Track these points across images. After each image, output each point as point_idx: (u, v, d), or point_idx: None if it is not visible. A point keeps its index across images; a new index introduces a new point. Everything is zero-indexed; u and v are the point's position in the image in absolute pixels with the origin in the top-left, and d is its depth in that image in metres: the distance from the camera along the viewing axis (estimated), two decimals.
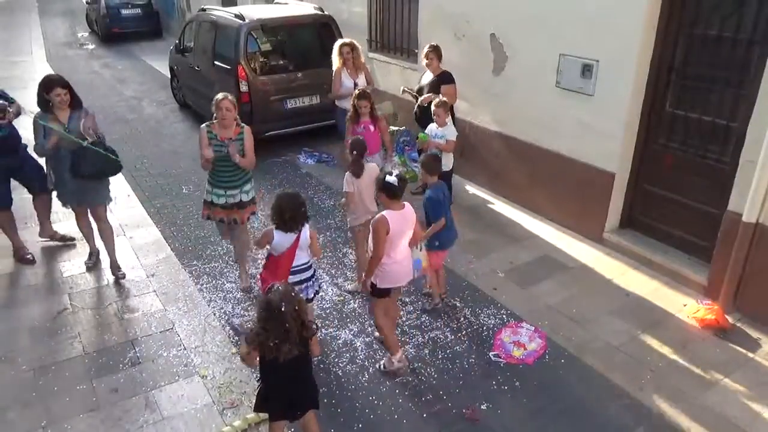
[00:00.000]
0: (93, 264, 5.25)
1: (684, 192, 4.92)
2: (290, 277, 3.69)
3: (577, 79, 5.28)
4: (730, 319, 4.39)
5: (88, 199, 4.92)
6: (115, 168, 4.81)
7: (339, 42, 6.70)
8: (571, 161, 5.56)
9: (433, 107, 5.44)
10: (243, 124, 4.66)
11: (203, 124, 4.61)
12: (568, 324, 4.48)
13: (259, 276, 4.08)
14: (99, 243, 5.22)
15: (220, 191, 4.64)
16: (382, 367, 4.06)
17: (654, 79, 4.91)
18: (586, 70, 5.19)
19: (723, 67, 4.46)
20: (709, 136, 4.65)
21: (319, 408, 3.21)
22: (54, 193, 5.11)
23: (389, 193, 3.66)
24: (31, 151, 5.12)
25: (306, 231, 3.71)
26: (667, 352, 4.16)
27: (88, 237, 5.26)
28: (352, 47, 6.60)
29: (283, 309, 2.67)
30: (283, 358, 2.74)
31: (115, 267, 5.12)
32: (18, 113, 5.09)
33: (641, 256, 5.18)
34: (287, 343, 2.72)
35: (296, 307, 2.74)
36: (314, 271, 3.94)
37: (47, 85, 4.59)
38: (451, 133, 5.50)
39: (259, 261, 5.08)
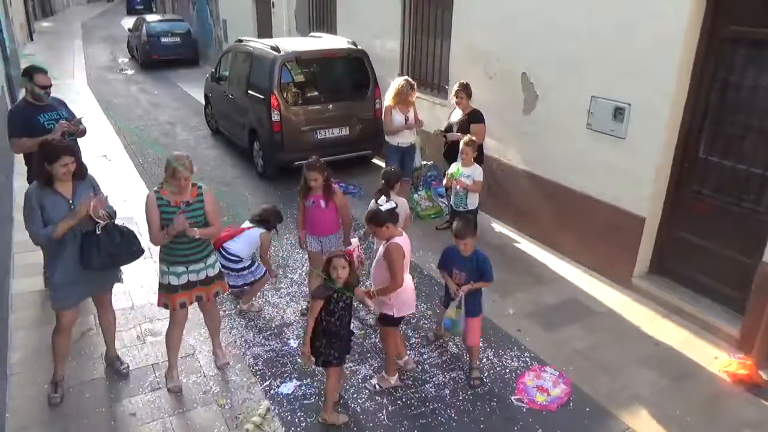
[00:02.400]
0: (60, 398, 3.94)
1: (717, 240, 4.81)
2: (221, 259, 4.60)
3: (609, 121, 5.26)
4: (763, 375, 4.22)
5: (95, 287, 3.98)
6: (138, 253, 3.93)
7: (400, 81, 6.57)
8: (601, 203, 5.49)
9: (461, 146, 5.46)
10: (200, 184, 3.91)
11: (150, 192, 3.77)
12: (594, 371, 4.35)
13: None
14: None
15: (180, 268, 3.84)
16: (376, 387, 4.15)
17: (687, 124, 4.86)
18: (618, 112, 5.16)
19: (758, 115, 4.40)
20: (744, 185, 4.56)
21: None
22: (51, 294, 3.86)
23: (393, 219, 3.86)
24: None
25: (255, 231, 4.96)
26: (697, 406, 4.00)
27: (63, 354, 4.00)
28: (412, 86, 6.54)
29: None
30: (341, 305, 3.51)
31: (114, 358, 4.31)
32: (85, 131, 5.22)
33: (671, 304, 5.04)
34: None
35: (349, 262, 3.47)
36: (248, 270, 4.97)
37: (51, 154, 3.56)
38: (478, 173, 5.49)
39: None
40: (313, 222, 4.69)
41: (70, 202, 3.64)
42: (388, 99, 6.66)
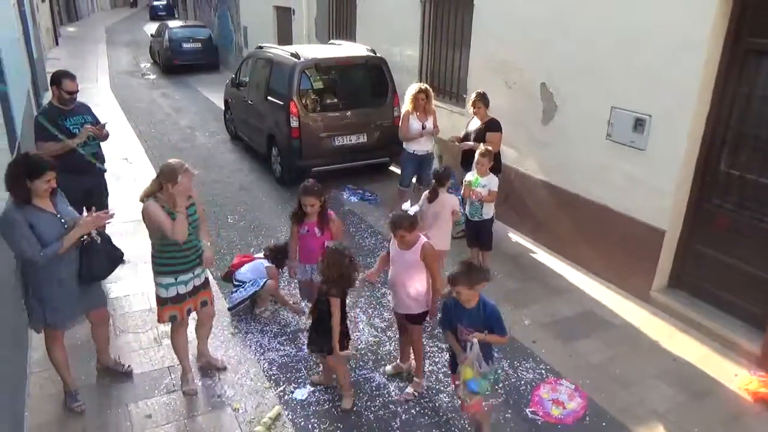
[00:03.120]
0: (83, 404, 3.92)
1: (738, 255, 4.73)
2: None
3: (629, 132, 5.22)
4: None
5: (91, 303, 3.85)
6: (120, 259, 3.95)
7: (414, 87, 6.59)
8: (619, 215, 5.44)
9: (477, 156, 5.41)
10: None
11: (149, 201, 3.64)
12: (610, 385, 4.30)
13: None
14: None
15: (169, 279, 3.78)
16: (414, 394, 4.16)
17: (709, 137, 4.80)
18: (639, 124, 5.12)
19: None
20: (766, 199, 4.49)
21: None
22: (38, 319, 3.64)
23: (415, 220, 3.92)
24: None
25: (263, 263, 5.17)
26: (715, 424, 3.93)
27: (66, 364, 3.89)
28: (427, 94, 6.54)
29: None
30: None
31: (113, 362, 4.26)
32: (108, 135, 5.31)
33: (690, 319, 4.97)
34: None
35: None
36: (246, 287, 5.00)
37: (36, 169, 3.36)
38: (494, 183, 5.44)
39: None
40: (307, 250, 4.37)
41: (57, 216, 3.50)
42: (405, 105, 6.68)
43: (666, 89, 4.85)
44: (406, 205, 6.52)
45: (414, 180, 6.97)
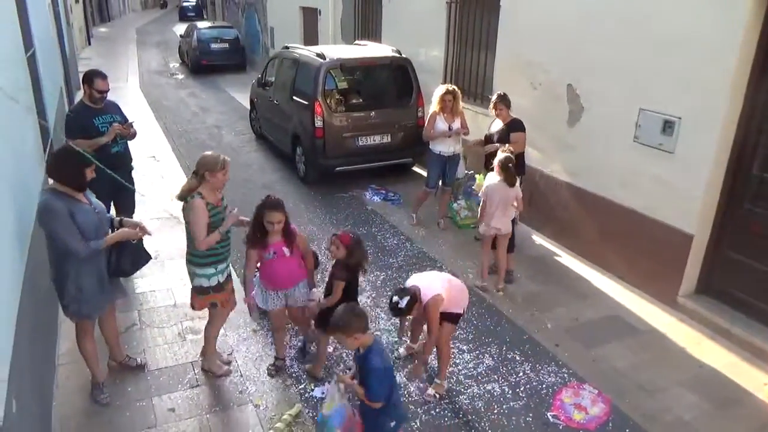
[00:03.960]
0: (109, 396, 4.01)
1: None
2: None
3: (657, 135, 5.13)
4: None
5: (113, 295, 3.94)
6: (148, 260, 4.02)
7: (442, 88, 6.53)
8: (646, 219, 5.35)
9: (495, 167, 5.29)
10: None
11: (194, 197, 3.70)
12: (635, 391, 4.23)
13: None
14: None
15: (210, 270, 3.89)
16: (436, 396, 4.14)
17: (741, 140, 4.69)
18: (668, 126, 5.03)
19: None
20: None
21: None
22: (73, 309, 3.71)
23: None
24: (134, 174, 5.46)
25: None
26: None
27: (96, 356, 3.98)
28: (455, 95, 6.47)
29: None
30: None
31: (125, 358, 4.32)
32: (135, 134, 5.43)
33: (718, 326, 4.86)
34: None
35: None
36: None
37: (81, 162, 3.52)
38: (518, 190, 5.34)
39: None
40: (275, 275, 3.95)
41: (92, 206, 3.62)
42: (432, 106, 6.66)
43: (696, 91, 4.76)
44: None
45: (439, 182, 6.94)
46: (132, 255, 3.81)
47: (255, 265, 4.04)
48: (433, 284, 3.95)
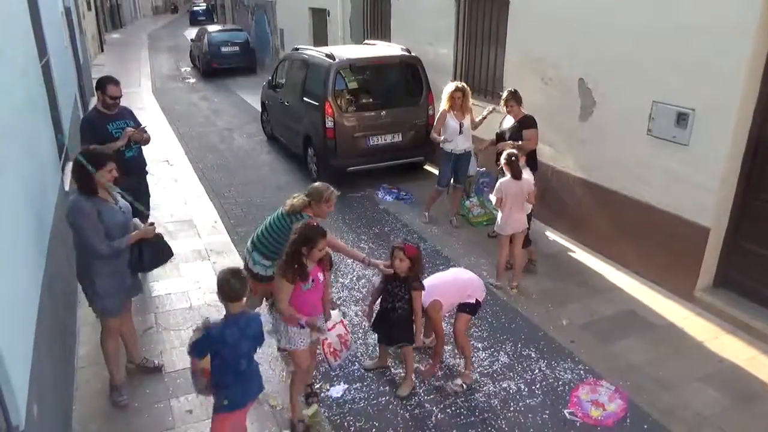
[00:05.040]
0: (126, 398, 4.06)
1: None
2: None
3: (671, 127, 5.07)
4: None
5: (132, 292, 4.04)
6: (170, 256, 4.07)
7: (451, 86, 6.55)
8: (661, 212, 5.29)
9: (501, 159, 5.28)
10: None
11: (304, 216, 3.92)
12: (652, 387, 4.19)
13: None
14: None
15: (270, 262, 4.18)
16: (463, 386, 4.21)
17: (756, 131, 4.63)
18: (682, 118, 4.97)
19: None
20: None
21: None
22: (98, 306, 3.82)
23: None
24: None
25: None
26: (763, 430, 3.79)
27: (117, 357, 4.05)
28: (464, 93, 6.50)
29: None
30: None
31: (143, 360, 4.38)
32: (149, 139, 5.49)
33: (737, 320, 4.80)
34: None
35: None
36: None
37: (99, 160, 3.61)
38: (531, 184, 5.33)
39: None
40: (310, 305, 3.57)
41: (117, 205, 3.75)
42: (442, 104, 6.65)
43: (711, 82, 4.70)
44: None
45: (451, 180, 6.92)
46: (152, 250, 3.90)
47: (290, 301, 3.47)
48: (433, 289, 4.09)
